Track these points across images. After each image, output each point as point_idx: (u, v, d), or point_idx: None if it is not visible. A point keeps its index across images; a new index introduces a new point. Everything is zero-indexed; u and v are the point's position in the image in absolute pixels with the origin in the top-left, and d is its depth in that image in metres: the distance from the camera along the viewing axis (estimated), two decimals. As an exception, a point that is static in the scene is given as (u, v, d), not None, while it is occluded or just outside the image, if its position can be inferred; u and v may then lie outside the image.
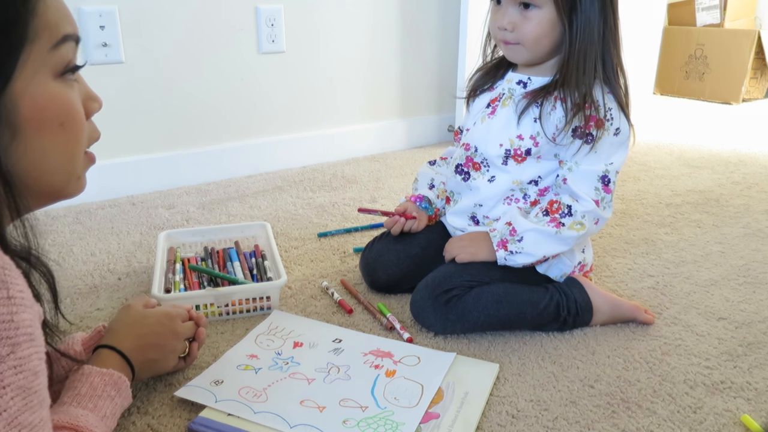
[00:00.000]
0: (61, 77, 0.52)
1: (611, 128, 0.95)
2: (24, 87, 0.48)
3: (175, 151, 1.69)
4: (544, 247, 0.95)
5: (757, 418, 0.79)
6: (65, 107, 0.52)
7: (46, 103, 0.51)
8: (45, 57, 0.50)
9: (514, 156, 0.98)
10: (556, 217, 0.95)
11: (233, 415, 0.76)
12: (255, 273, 1.13)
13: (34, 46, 0.49)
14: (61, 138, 0.53)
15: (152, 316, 0.80)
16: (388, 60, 2.02)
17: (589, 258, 1.04)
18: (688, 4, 3.12)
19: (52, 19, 0.50)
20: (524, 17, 0.92)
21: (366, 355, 0.90)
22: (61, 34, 0.51)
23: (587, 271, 1.05)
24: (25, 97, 0.49)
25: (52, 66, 0.51)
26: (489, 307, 0.94)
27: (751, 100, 3.06)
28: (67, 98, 0.53)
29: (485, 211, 1.04)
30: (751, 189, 1.71)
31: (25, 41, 0.48)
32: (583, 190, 0.96)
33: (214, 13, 1.65)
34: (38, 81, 0.50)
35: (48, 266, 0.56)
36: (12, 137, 0.48)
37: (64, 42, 0.51)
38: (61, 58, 0.51)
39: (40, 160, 0.51)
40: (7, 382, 0.45)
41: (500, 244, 0.97)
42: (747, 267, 1.23)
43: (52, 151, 0.52)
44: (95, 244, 1.32)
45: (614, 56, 0.95)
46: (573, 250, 1.01)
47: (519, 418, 0.79)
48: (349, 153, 2.02)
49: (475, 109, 1.07)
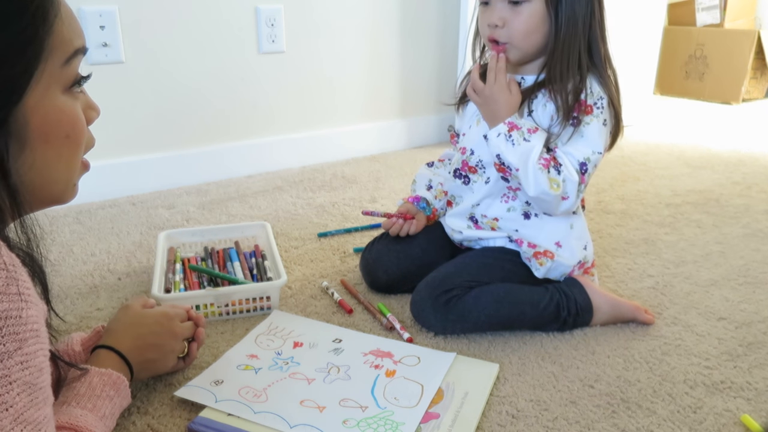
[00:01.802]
0: (69, 90, 0.53)
1: (600, 117, 0.95)
2: (36, 102, 0.49)
3: (175, 151, 1.69)
4: (525, 165, 0.91)
5: (757, 418, 0.79)
6: (72, 120, 0.53)
7: (56, 117, 0.51)
8: (57, 72, 0.50)
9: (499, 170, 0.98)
10: (548, 160, 0.93)
11: (233, 415, 0.76)
12: (255, 273, 1.13)
13: (48, 63, 0.49)
14: (65, 149, 0.53)
15: (151, 316, 0.80)
16: (388, 60, 2.02)
17: (590, 255, 1.04)
18: (688, 4, 3.12)
19: (66, 35, 0.51)
20: (514, 12, 0.92)
21: (366, 355, 0.90)
22: (73, 49, 0.52)
23: (588, 268, 1.04)
24: (37, 112, 0.49)
25: (63, 81, 0.51)
26: (489, 307, 0.94)
27: (751, 100, 3.06)
28: (74, 111, 0.53)
29: (482, 210, 1.04)
30: (751, 189, 1.71)
31: (41, 58, 0.49)
32: (571, 165, 0.95)
33: (214, 13, 1.65)
34: (49, 96, 0.50)
35: (41, 265, 0.56)
36: (20, 150, 0.49)
37: (75, 56, 0.52)
38: (72, 71, 0.52)
39: (45, 171, 0.52)
40: (14, 377, 0.45)
41: (511, 125, 0.93)
42: (747, 267, 1.23)
43: (56, 161, 0.53)
44: (95, 244, 1.32)
45: (602, 47, 0.95)
46: (573, 248, 1.01)
47: (519, 418, 0.79)
48: (349, 153, 2.02)
49: (467, 113, 1.08)
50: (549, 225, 1.00)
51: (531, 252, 0.99)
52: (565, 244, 1.00)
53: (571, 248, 1.00)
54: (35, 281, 0.56)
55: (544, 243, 1.00)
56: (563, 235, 1.00)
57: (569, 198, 0.94)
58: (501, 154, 0.93)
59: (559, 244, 1.00)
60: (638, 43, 2.41)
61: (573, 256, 1.01)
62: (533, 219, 1.01)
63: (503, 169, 0.95)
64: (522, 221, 1.02)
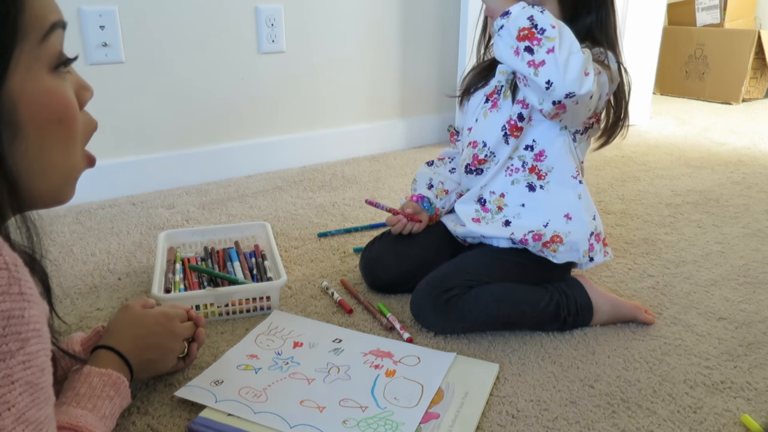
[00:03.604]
0: (55, 71, 0.51)
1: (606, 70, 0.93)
2: (21, 85, 0.48)
3: (175, 151, 1.69)
4: (561, 27, 0.85)
5: (757, 418, 0.79)
6: (62, 102, 0.52)
7: (44, 99, 0.50)
8: (36, 51, 0.49)
9: (511, 130, 0.99)
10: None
11: (233, 415, 0.76)
12: (255, 273, 1.13)
13: (25, 42, 0.48)
14: (59, 134, 0.52)
15: (150, 316, 0.80)
16: (388, 60, 2.02)
17: (600, 225, 1.01)
18: (688, 4, 3.12)
19: (39, 11, 0.49)
20: None
21: (366, 355, 0.90)
22: (49, 24, 0.50)
23: (604, 239, 1.01)
24: (23, 95, 0.48)
25: (46, 60, 0.50)
26: (489, 307, 0.94)
27: (751, 100, 3.06)
28: (63, 92, 0.52)
29: (489, 187, 1.04)
30: (751, 189, 1.71)
31: (16, 38, 0.47)
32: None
33: (214, 13, 1.65)
34: (33, 77, 0.49)
35: (43, 267, 0.56)
36: (13, 137, 0.48)
37: (52, 31, 0.50)
38: (52, 48, 0.50)
39: (41, 158, 0.51)
40: (17, 377, 0.45)
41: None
42: (747, 267, 1.23)
43: (51, 148, 0.51)
44: (95, 244, 1.32)
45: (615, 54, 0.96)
46: (583, 219, 0.98)
47: (519, 418, 0.79)
48: (349, 153, 2.02)
49: (471, 107, 1.08)
50: (557, 197, 0.99)
51: (539, 244, 0.98)
52: (576, 216, 0.99)
53: (581, 219, 0.99)
54: (37, 284, 0.55)
55: (552, 217, 0.99)
56: (572, 206, 0.99)
57: (590, 75, 0.86)
58: (533, 15, 0.85)
59: (569, 216, 0.99)
60: (638, 43, 2.41)
61: (584, 227, 0.98)
62: (539, 191, 1.00)
63: (528, 38, 0.85)
64: (527, 194, 1.01)
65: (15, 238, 0.52)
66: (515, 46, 0.86)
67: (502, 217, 1.03)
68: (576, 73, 0.85)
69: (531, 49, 0.85)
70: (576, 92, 0.85)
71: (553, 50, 0.84)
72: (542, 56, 0.85)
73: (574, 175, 0.99)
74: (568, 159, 0.99)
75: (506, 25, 0.86)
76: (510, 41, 0.86)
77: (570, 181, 1.00)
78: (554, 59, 0.84)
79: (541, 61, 0.85)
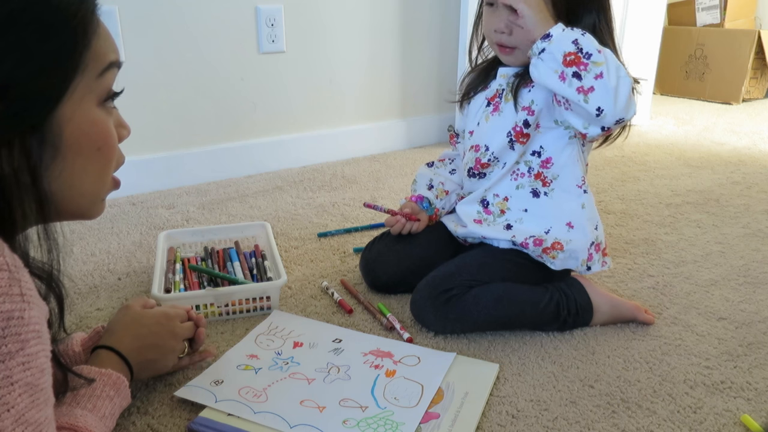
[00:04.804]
0: (103, 104, 0.55)
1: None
2: (71, 112, 0.51)
3: (175, 151, 1.69)
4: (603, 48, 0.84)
5: (757, 418, 0.79)
6: (104, 133, 0.55)
7: (89, 129, 0.53)
8: (92, 84, 0.53)
9: (517, 137, 0.98)
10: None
11: (233, 415, 0.76)
12: (255, 273, 1.13)
13: (84, 75, 0.51)
14: (95, 162, 0.55)
15: (150, 316, 0.80)
16: (388, 60, 2.02)
17: (601, 236, 1.02)
18: (688, 4, 3.12)
19: (101, 49, 0.53)
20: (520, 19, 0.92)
21: (366, 355, 0.90)
22: (108, 62, 0.54)
23: (604, 249, 1.02)
24: (71, 122, 0.51)
25: (97, 93, 0.54)
26: (489, 307, 0.94)
27: (751, 100, 3.06)
28: (107, 125, 0.56)
29: (493, 190, 1.04)
30: (751, 189, 1.71)
31: (78, 70, 0.51)
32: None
33: (214, 13, 1.65)
34: (84, 107, 0.52)
35: (60, 288, 0.58)
36: (53, 158, 0.51)
37: (108, 69, 0.54)
38: (105, 84, 0.54)
39: (73, 182, 0.54)
40: (16, 378, 0.45)
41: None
42: (747, 267, 1.23)
43: (85, 173, 0.55)
44: (95, 244, 1.32)
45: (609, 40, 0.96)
46: (585, 228, 0.98)
47: (519, 418, 0.79)
48: (349, 153, 2.02)
49: (472, 111, 1.07)
50: (560, 205, 0.99)
51: (540, 249, 0.99)
52: (578, 225, 0.99)
53: (583, 228, 0.99)
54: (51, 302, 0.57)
55: (554, 225, 0.99)
56: (575, 215, 0.99)
57: (634, 96, 0.89)
58: (578, 39, 0.85)
59: (571, 225, 0.99)
60: (638, 43, 2.41)
61: (585, 236, 0.99)
62: (542, 198, 1.00)
63: (575, 64, 0.84)
64: (531, 200, 1.01)
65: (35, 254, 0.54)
66: (560, 71, 0.85)
67: (504, 220, 1.03)
68: (626, 98, 0.85)
69: (579, 75, 0.84)
70: (625, 117, 0.86)
71: (601, 76, 0.84)
72: (591, 82, 0.84)
73: (579, 184, 1.00)
74: (575, 168, 0.99)
75: (548, 48, 0.85)
76: (554, 66, 0.85)
77: (575, 189, 1.00)
78: (604, 86, 0.84)
79: (590, 87, 0.84)
